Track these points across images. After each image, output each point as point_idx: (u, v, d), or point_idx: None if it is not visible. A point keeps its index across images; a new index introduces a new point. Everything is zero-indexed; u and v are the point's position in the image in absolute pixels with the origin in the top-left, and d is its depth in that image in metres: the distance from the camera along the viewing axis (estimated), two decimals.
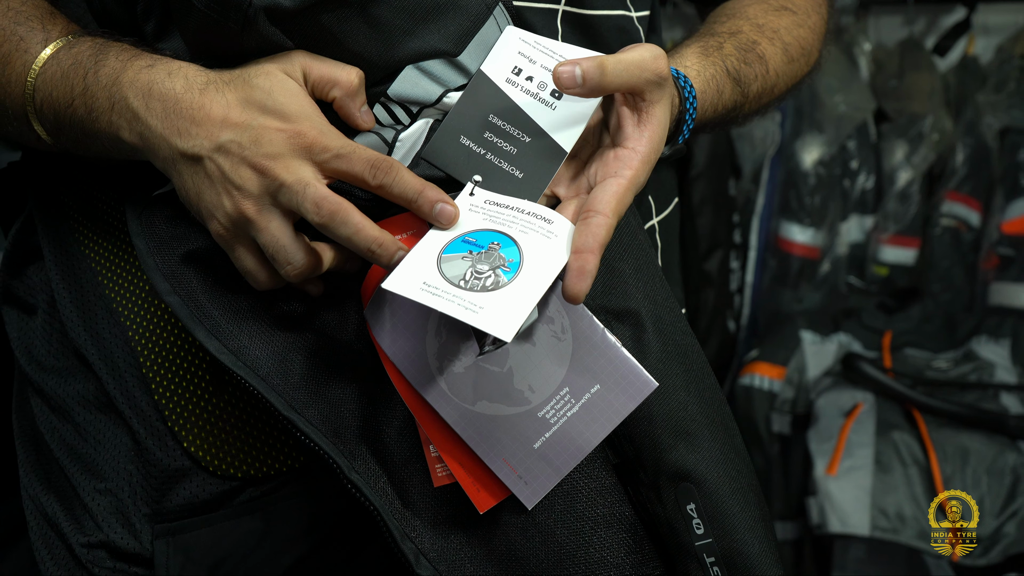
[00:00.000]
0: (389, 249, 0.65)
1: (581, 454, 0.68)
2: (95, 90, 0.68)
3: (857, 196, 2.41)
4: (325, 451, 0.69)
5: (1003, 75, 2.33)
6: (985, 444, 1.80)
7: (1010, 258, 2.23)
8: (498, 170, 0.70)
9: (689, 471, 0.71)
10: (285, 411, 0.69)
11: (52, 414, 0.80)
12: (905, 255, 2.40)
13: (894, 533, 1.75)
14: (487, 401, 0.68)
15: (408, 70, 0.70)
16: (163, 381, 0.76)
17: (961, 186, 2.31)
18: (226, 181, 0.65)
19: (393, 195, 0.66)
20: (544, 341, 0.68)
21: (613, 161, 0.67)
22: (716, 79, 0.78)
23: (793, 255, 2.40)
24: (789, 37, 0.87)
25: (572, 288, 0.62)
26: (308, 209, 0.63)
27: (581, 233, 0.64)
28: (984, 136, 2.29)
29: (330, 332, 0.73)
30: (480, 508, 0.69)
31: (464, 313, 0.61)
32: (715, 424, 0.74)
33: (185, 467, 0.76)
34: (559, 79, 0.65)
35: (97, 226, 0.81)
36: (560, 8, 0.75)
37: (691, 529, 0.71)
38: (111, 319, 0.78)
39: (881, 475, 1.79)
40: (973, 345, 2.08)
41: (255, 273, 0.69)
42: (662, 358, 0.72)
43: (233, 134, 0.65)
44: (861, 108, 2.38)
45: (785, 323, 2.24)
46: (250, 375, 0.69)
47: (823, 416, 1.94)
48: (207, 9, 0.65)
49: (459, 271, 0.64)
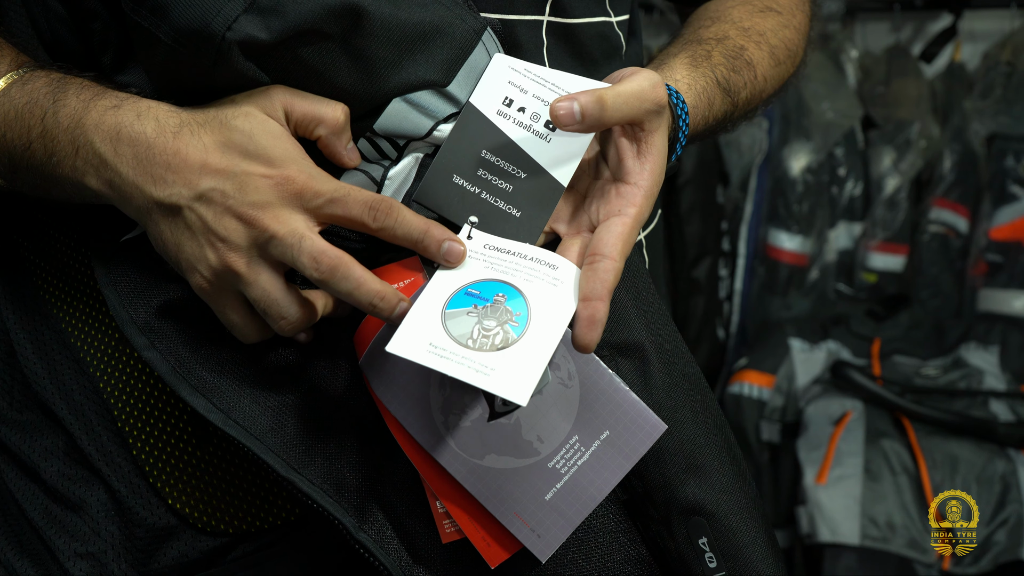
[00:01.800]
0: (391, 302, 0.61)
1: (593, 503, 0.65)
2: (55, 133, 0.63)
3: (845, 203, 2.41)
4: (330, 512, 0.66)
5: (989, 81, 2.34)
6: (974, 452, 1.80)
7: (998, 264, 2.23)
8: (495, 209, 0.67)
9: (700, 505, 0.69)
10: (285, 472, 0.65)
11: (19, 472, 0.74)
12: (893, 262, 2.40)
13: (884, 542, 1.74)
14: (495, 454, 0.65)
15: (395, 103, 0.65)
16: (141, 435, 0.71)
17: (949, 192, 2.31)
18: (209, 232, 0.60)
19: (396, 237, 0.63)
20: (551, 389, 0.65)
21: (616, 198, 0.65)
22: (707, 91, 0.76)
23: (782, 262, 2.40)
24: (776, 39, 0.85)
25: (583, 339, 0.60)
26: (306, 264, 0.59)
27: (589, 279, 0.61)
28: (971, 142, 2.29)
29: (322, 383, 0.69)
30: (491, 563, 0.66)
31: (475, 377, 0.58)
32: (722, 452, 0.72)
33: (171, 525, 0.71)
34: (557, 117, 0.62)
35: (58, 271, 0.75)
36: (545, 19, 0.73)
37: (704, 563, 0.70)
38: (78, 370, 0.72)
39: (871, 484, 1.79)
40: (962, 352, 2.08)
41: (242, 328, 0.64)
42: (668, 390, 0.70)
43: (215, 181, 0.60)
44: (848, 115, 2.38)
45: (774, 331, 2.24)
46: (244, 436, 0.65)
47: (812, 424, 1.94)
48: (174, 43, 0.61)
49: (466, 329, 0.61)
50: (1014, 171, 2.22)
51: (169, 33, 0.61)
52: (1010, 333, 2.12)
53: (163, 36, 0.61)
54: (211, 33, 0.59)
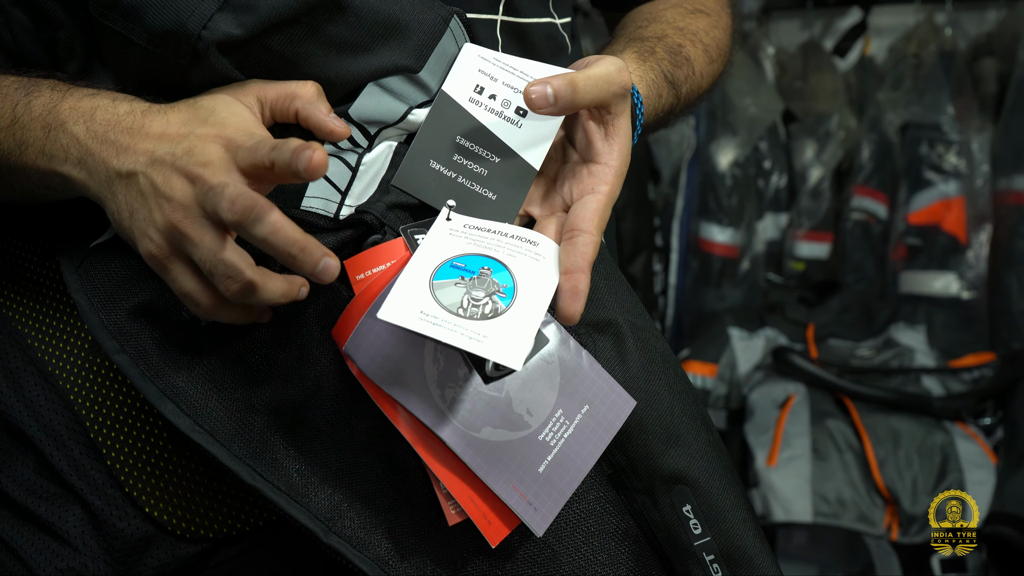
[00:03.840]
0: (313, 255, 0.58)
1: (581, 474, 0.67)
2: (26, 120, 0.64)
3: (771, 195, 2.49)
4: (295, 518, 0.65)
5: (899, 73, 2.45)
6: (914, 426, 1.88)
7: (917, 247, 2.33)
8: (471, 193, 0.69)
9: (682, 474, 0.71)
10: (250, 480, 0.64)
11: None
12: (819, 249, 2.49)
13: (835, 518, 1.80)
14: (491, 427, 0.66)
15: (369, 87, 0.68)
16: (115, 445, 0.70)
17: (868, 180, 2.41)
18: (158, 195, 0.60)
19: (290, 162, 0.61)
20: (535, 365, 0.67)
21: (588, 177, 0.67)
22: (656, 83, 0.79)
23: (714, 255, 2.46)
24: (708, 39, 0.89)
25: (567, 310, 0.62)
26: (223, 209, 0.57)
27: (569, 253, 0.63)
28: (887, 132, 2.39)
29: (292, 382, 0.68)
30: (492, 542, 0.66)
31: (469, 343, 0.59)
32: (697, 422, 0.74)
33: (149, 534, 0.70)
34: (531, 100, 0.64)
35: (21, 286, 0.74)
36: (499, 19, 0.75)
37: (688, 530, 0.71)
38: (47, 385, 0.71)
39: (819, 463, 1.85)
40: (892, 332, 2.17)
41: (196, 295, 0.62)
42: (644, 365, 0.72)
43: (169, 146, 0.61)
44: (770, 110, 2.46)
45: (713, 322, 2.30)
46: (210, 442, 0.64)
47: (758, 409, 2.00)
48: (149, 45, 0.62)
49: (455, 298, 0.62)
50: (928, 158, 2.33)
51: (143, 36, 0.62)
52: (933, 312, 2.23)
53: (137, 39, 0.62)
54: (187, 33, 0.61)
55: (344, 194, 0.69)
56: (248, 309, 0.64)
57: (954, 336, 2.18)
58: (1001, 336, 2.21)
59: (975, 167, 2.30)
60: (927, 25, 2.46)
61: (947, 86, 2.33)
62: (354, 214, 0.69)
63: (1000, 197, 2.29)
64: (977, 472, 1.80)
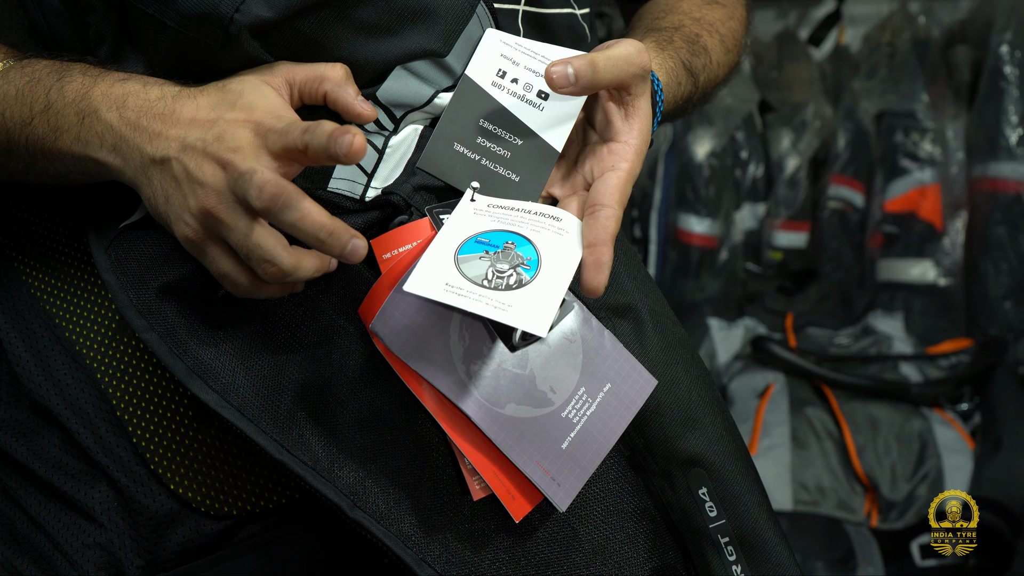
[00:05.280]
0: (341, 238, 0.60)
1: (603, 451, 0.68)
2: (60, 106, 0.65)
3: (749, 185, 2.50)
4: (321, 492, 0.66)
5: (873, 62, 2.45)
6: (892, 413, 1.89)
7: (894, 235, 2.34)
8: (494, 175, 0.70)
9: (699, 456, 0.72)
10: (278, 454, 0.65)
11: (13, 472, 0.74)
12: (797, 239, 2.50)
13: (815, 505, 1.81)
14: (515, 404, 0.67)
15: (397, 71, 0.69)
16: (140, 422, 0.71)
17: (845, 169, 2.42)
18: (191, 180, 0.62)
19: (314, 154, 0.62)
20: (558, 343, 0.68)
21: (608, 156, 0.68)
22: (676, 71, 0.80)
23: (692, 246, 2.46)
24: (724, 29, 0.90)
25: (592, 281, 0.62)
26: (252, 196, 0.59)
27: (591, 227, 0.64)
28: (862, 121, 2.40)
29: (319, 358, 0.69)
30: (516, 517, 0.67)
31: (494, 312, 0.60)
32: (713, 406, 0.75)
33: (174, 510, 0.71)
34: (552, 79, 0.65)
35: (49, 267, 0.75)
36: (520, 8, 0.76)
37: (704, 512, 0.72)
38: (74, 364, 0.73)
39: (799, 451, 1.86)
40: (870, 320, 2.18)
41: (234, 276, 0.64)
42: (662, 349, 0.73)
43: (200, 132, 0.62)
44: (746, 100, 2.47)
45: (692, 312, 2.30)
46: (238, 418, 0.65)
47: (738, 399, 2.00)
48: (181, 27, 0.63)
49: (480, 271, 0.63)
50: (903, 145, 2.34)
51: (176, 19, 0.63)
52: (911, 299, 2.24)
53: (170, 22, 0.63)
54: (219, 16, 0.62)
55: (371, 176, 0.70)
56: (283, 287, 0.66)
57: (931, 323, 2.19)
58: (978, 322, 2.23)
59: (950, 154, 2.31)
60: (901, 14, 2.47)
61: (921, 74, 2.33)
62: (380, 195, 0.70)
63: (975, 184, 2.30)
64: (955, 457, 1.81)
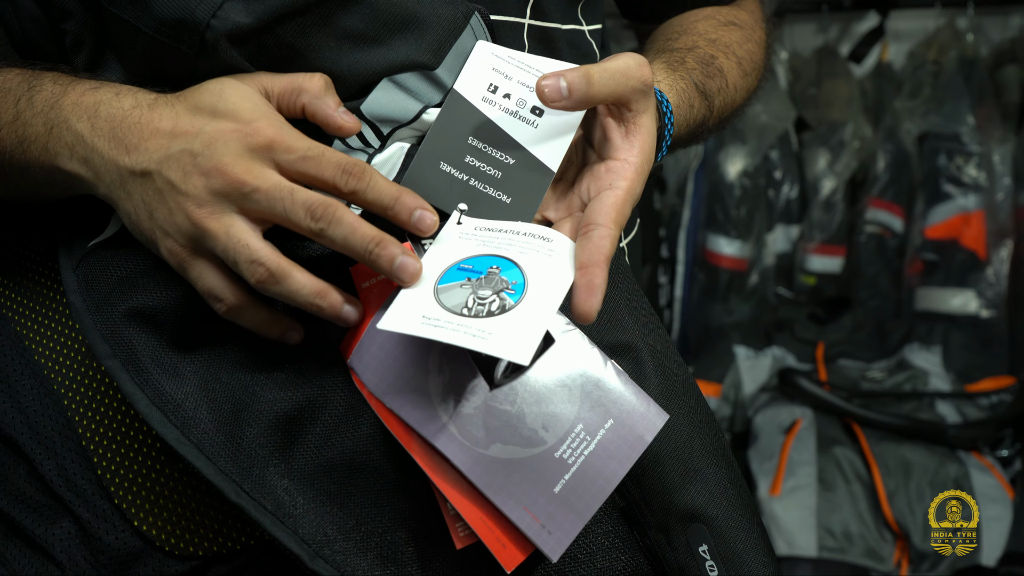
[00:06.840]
0: (391, 250, 0.58)
1: (603, 495, 0.62)
2: (28, 116, 0.63)
3: (782, 206, 2.40)
4: (280, 541, 0.62)
5: (917, 80, 2.35)
6: (926, 456, 1.79)
7: (934, 263, 2.24)
8: (484, 196, 0.66)
9: (699, 511, 0.67)
10: (235, 497, 0.62)
11: None
12: (832, 263, 2.40)
13: (841, 552, 1.72)
14: (501, 444, 0.62)
15: (384, 82, 0.65)
16: (107, 454, 0.68)
17: (884, 192, 2.32)
18: (177, 193, 0.59)
19: (367, 201, 0.61)
20: (552, 375, 0.63)
21: (606, 174, 0.63)
22: (687, 93, 0.76)
23: (721, 268, 2.37)
24: (741, 51, 0.86)
25: (583, 305, 0.57)
26: (301, 216, 0.58)
27: (584, 248, 0.59)
28: (903, 142, 2.30)
29: (289, 396, 0.65)
30: (508, 567, 0.62)
31: (472, 341, 0.55)
32: (717, 456, 0.70)
33: (138, 549, 0.67)
34: (543, 92, 0.61)
35: (21, 287, 0.73)
36: (526, 22, 0.73)
37: (704, 572, 0.67)
38: (42, 389, 0.70)
39: (825, 493, 1.76)
40: (906, 353, 2.08)
41: (220, 291, 0.61)
42: (664, 392, 0.68)
43: (183, 143, 0.60)
44: (782, 117, 2.37)
45: (718, 339, 2.21)
46: (196, 456, 0.62)
47: (762, 434, 1.91)
48: (156, 33, 0.61)
49: (460, 299, 0.59)
50: (946, 169, 2.23)
51: (151, 24, 0.61)
52: (950, 332, 2.13)
53: (145, 28, 0.61)
54: (195, 22, 0.60)
55: None
56: (275, 316, 0.64)
57: (971, 358, 2.08)
58: (1022, 359, 2.11)
59: (996, 180, 2.20)
60: (948, 30, 2.36)
61: (968, 94, 2.23)
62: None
63: (1022, 211, 2.19)
64: (993, 507, 1.71)
